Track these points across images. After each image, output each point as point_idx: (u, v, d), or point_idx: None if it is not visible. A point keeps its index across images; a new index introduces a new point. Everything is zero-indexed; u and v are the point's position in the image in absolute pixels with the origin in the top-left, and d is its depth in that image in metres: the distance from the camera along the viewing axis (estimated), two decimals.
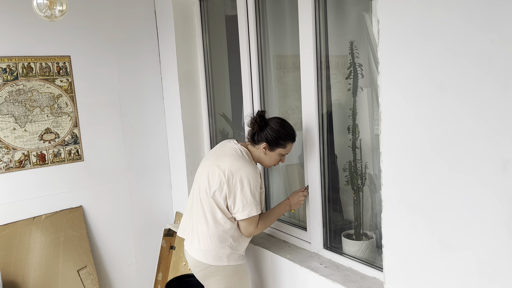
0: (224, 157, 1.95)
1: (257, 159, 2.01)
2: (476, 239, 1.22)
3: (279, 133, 1.92)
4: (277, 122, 1.94)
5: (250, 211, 1.88)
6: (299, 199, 2.08)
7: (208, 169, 1.98)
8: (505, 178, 1.13)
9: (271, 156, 1.97)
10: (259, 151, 1.97)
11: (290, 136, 1.95)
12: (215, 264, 1.94)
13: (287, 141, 1.95)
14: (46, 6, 1.86)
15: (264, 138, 1.93)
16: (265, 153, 1.96)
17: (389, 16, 1.36)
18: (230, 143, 2.02)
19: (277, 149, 1.95)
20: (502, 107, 1.11)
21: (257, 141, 1.95)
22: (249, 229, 1.93)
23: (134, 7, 2.88)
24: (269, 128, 1.92)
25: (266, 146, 1.94)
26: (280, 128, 1.93)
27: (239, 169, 1.88)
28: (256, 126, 1.94)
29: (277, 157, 1.98)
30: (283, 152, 1.97)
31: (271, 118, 1.98)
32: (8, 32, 2.44)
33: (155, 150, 3.05)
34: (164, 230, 3.03)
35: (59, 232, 2.63)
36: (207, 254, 1.94)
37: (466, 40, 1.16)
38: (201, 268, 1.97)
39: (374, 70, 1.90)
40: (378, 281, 1.81)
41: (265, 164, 2.02)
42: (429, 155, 1.30)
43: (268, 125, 1.93)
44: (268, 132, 1.92)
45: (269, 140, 1.92)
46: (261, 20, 2.36)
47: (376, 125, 1.93)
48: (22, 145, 2.53)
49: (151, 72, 2.99)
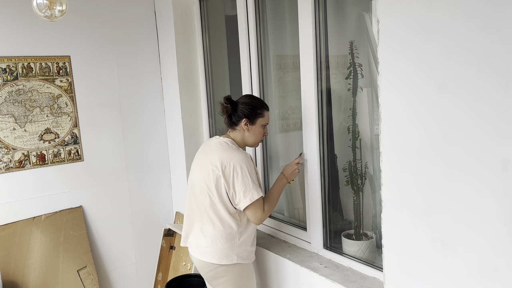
0: (212, 153, 1.95)
1: (242, 142, 2.01)
2: (476, 239, 1.22)
3: (253, 104, 1.96)
4: (246, 97, 2.00)
5: (252, 196, 1.86)
6: (292, 169, 2.07)
7: (200, 170, 1.97)
8: (505, 178, 1.13)
9: (254, 131, 1.98)
10: (241, 132, 1.98)
11: (262, 104, 1.99)
12: (224, 263, 1.92)
13: (263, 109, 1.98)
14: (46, 6, 1.86)
15: (242, 114, 1.95)
16: (248, 129, 1.97)
17: (389, 16, 1.36)
18: (213, 139, 2.03)
19: (257, 120, 1.97)
20: (502, 107, 1.11)
21: (236, 121, 1.97)
22: (257, 214, 1.90)
23: (134, 7, 2.88)
24: (241, 104, 1.96)
25: (246, 121, 1.95)
26: (251, 99, 1.98)
27: (230, 158, 1.88)
28: (229, 108, 1.96)
29: (260, 129, 1.99)
30: (263, 122, 1.99)
31: (239, 98, 2.01)
32: (8, 32, 2.44)
33: (155, 150, 3.05)
34: (164, 230, 3.03)
35: (59, 232, 2.63)
36: (216, 254, 1.92)
37: (466, 40, 1.16)
38: (210, 269, 1.95)
39: (374, 70, 1.90)
40: (378, 281, 1.81)
41: (252, 141, 2.01)
42: (429, 155, 1.30)
43: (238, 102, 1.97)
44: (243, 107, 1.95)
45: (247, 113, 1.95)
46: (261, 20, 2.36)
47: (376, 125, 1.93)
48: (22, 145, 2.53)
49: (151, 72, 2.99)
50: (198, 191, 1.97)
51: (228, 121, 1.99)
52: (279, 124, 2.46)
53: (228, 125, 2.01)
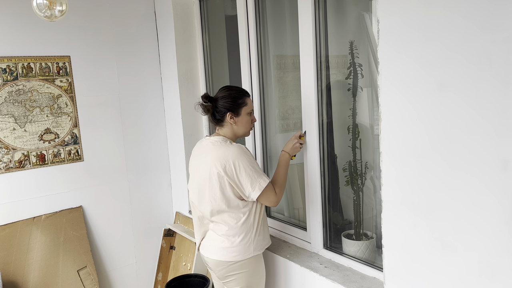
0: (207, 155, 1.91)
1: (233, 135, 1.97)
2: (476, 238, 1.22)
3: (232, 95, 1.91)
4: (223, 90, 1.94)
5: (260, 185, 1.84)
6: (293, 143, 2.03)
7: (199, 177, 1.94)
8: (506, 177, 1.13)
9: (241, 121, 1.94)
10: (229, 126, 1.93)
11: (242, 91, 1.94)
12: (241, 259, 1.90)
13: (244, 97, 1.93)
14: (46, 6, 1.86)
15: (224, 109, 1.90)
16: (235, 122, 1.93)
17: (389, 15, 1.36)
18: (204, 140, 2.00)
19: (241, 110, 1.92)
20: (503, 106, 1.11)
21: (221, 117, 1.92)
22: (271, 198, 1.89)
23: (134, 7, 2.88)
24: (220, 98, 1.91)
25: (231, 114, 1.91)
26: (229, 90, 1.93)
27: (226, 154, 1.85)
28: (209, 106, 1.92)
29: (247, 118, 1.95)
30: (248, 109, 1.94)
31: (216, 93, 1.97)
32: (8, 32, 2.44)
33: (155, 150, 3.05)
34: (164, 230, 3.03)
35: (59, 232, 2.63)
36: (233, 251, 1.90)
37: (467, 39, 1.16)
38: (224, 266, 1.93)
39: (374, 70, 1.90)
40: (378, 281, 1.80)
41: (242, 132, 1.97)
42: (429, 155, 1.30)
43: (218, 98, 1.92)
44: (223, 102, 1.90)
45: (229, 107, 1.90)
46: (261, 20, 2.36)
47: (376, 125, 1.93)
48: (22, 145, 2.53)
49: (151, 72, 2.99)
50: (203, 198, 1.93)
51: (213, 119, 1.95)
52: (279, 124, 2.46)
53: (214, 123, 1.98)
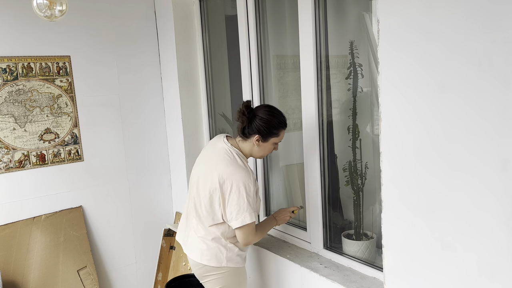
0: (217, 161, 1.87)
1: (248, 153, 1.92)
2: (476, 238, 1.22)
3: (271, 123, 1.83)
4: (266, 111, 1.84)
5: (244, 219, 1.79)
6: (285, 215, 2.05)
7: (201, 173, 1.94)
8: (505, 178, 1.13)
9: (264, 147, 1.89)
10: (251, 144, 1.88)
11: (282, 123, 1.86)
12: (213, 265, 1.91)
13: (280, 129, 1.86)
14: (46, 6, 1.86)
15: (256, 130, 1.83)
16: (258, 145, 1.87)
17: (389, 15, 1.36)
18: (220, 142, 1.93)
19: (270, 139, 1.87)
20: (503, 107, 1.11)
21: (248, 134, 1.86)
22: (249, 237, 1.85)
23: (134, 7, 2.88)
24: (259, 119, 1.82)
25: (259, 138, 1.84)
26: (271, 116, 1.83)
27: (231, 174, 1.80)
28: (245, 119, 1.83)
29: (270, 146, 1.90)
30: (277, 140, 1.90)
31: (258, 107, 1.88)
32: (8, 32, 2.44)
33: (155, 150, 3.05)
34: (164, 230, 3.03)
35: (59, 232, 2.63)
36: (205, 254, 1.92)
37: (467, 39, 1.16)
38: (199, 267, 1.97)
39: (374, 70, 1.90)
40: (378, 281, 1.81)
41: (258, 155, 1.94)
42: (429, 155, 1.30)
43: (257, 115, 1.83)
44: (259, 123, 1.82)
45: (261, 131, 1.83)
46: (261, 20, 2.36)
47: (376, 125, 1.93)
48: (22, 145, 2.53)
49: (151, 72, 2.99)
50: (195, 192, 1.96)
51: (241, 130, 1.88)
52: None
53: (240, 134, 1.91)
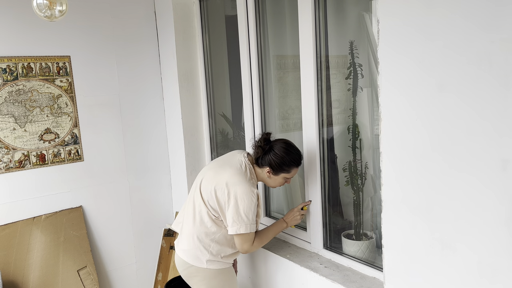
0: (227, 166, 1.92)
1: (261, 179, 1.98)
2: (476, 238, 1.22)
3: (283, 160, 1.88)
4: (282, 148, 1.89)
5: (238, 228, 1.83)
6: (294, 215, 2.07)
7: (209, 173, 1.97)
8: (505, 178, 1.13)
9: (275, 180, 1.95)
10: (263, 174, 1.95)
11: (294, 161, 1.91)
12: (194, 264, 1.94)
13: (291, 167, 1.91)
14: (46, 6, 1.85)
15: (268, 163, 1.89)
16: (269, 177, 1.94)
17: (389, 16, 1.36)
18: (240, 154, 1.99)
19: (281, 174, 1.92)
20: (503, 106, 1.11)
21: (261, 165, 1.93)
22: (244, 246, 1.90)
23: (134, 7, 2.88)
24: (273, 153, 1.88)
25: (270, 170, 1.91)
26: (285, 154, 1.88)
27: (235, 184, 1.85)
28: (260, 150, 1.91)
29: (281, 180, 1.95)
30: (288, 176, 1.94)
31: (276, 141, 1.93)
32: (8, 32, 2.44)
33: (155, 150, 3.05)
34: (164, 230, 3.03)
35: (59, 232, 2.63)
36: (188, 253, 1.96)
37: (467, 39, 1.16)
38: (184, 267, 1.99)
39: (374, 70, 1.90)
40: (378, 281, 1.81)
41: (270, 185, 2.01)
42: (429, 155, 1.30)
43: (272, 150, 1.89)
44: (272, 158, 1.88)
45: (273, 165, 1.89)
46: (261, 20, 2.36)
47: (376, 125, 1.93)
48: (22, 145, 2.53)
49: (151, 72, 2.99)
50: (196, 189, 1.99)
51: (255, 160, 1.95)
52: (279, 124, 2.46)
53: (252, 161, 1.97)
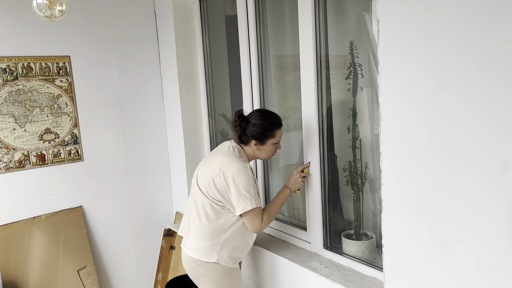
0: (217, 154, 1.97)
1: (252, 156, 2.00)
2: (476, 239, 1.22)
3: (263, 126, 1.90)
4: (258, 116, 1.92)
5: (244, 206, 1.85)
6: (294, 178, 2.04)
7: (202, 167, 2.01)
8: (506, 178, 1.13)
9: (265, 149, 1.96)
10: (251, 149, 1.96)
11: (274, 124, 1.92)
12: (205, 260, 1.93)
13: (274, 130, 1.92)
14: (46, 6, 1.86)
15: (251, 136, 1.91)
16: (258, 149, 1.95)
17: (389, 16, 1.36)
18: (228, 142, 2.04)
19: (267, 141, 1.93)
20: (503, 107, 1.11)
21: (246, 141, 1.95)
22: (255, 223, 1.90)
23: (134, 7, 2.88)
24: (251, 125, 1.90)
25: (256, 142, 1.93)
26: (262, 120, 1.90)
27: (228, 165, 1.88)
28: (239, 128, 1.92)
29: (271, 147, 1.96)
30: (275, 140, 1.95)
31: (250, 114, 1.96)
32: (8, 32, 2.44)
33: (155, 150, 3.05)
34: (164, 230, 3.03)
35: (59, 232, 2.63)
36: (199, 251, 1.95)
37: (467, 40, 1.16)
38: (192, 266, 1.98)
39: (374, 70, 1.90)
40: (378, 281, 1.81)
41: (263, 157, 2.01)
42: (429, 155, 1.30)
43: (249, 122, 1.91)
44: (252, 129, 1.90)
45: (256, 136, 1.91)
46: (261, 20, 2.36)
47: (376, 125, 1.93)
48: (22, 145, 2.53)
49: (151, 72, 2.99)
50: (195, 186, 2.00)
51: (239, 139, 1.96)
52: None
53: (238, 143, 1.99)
